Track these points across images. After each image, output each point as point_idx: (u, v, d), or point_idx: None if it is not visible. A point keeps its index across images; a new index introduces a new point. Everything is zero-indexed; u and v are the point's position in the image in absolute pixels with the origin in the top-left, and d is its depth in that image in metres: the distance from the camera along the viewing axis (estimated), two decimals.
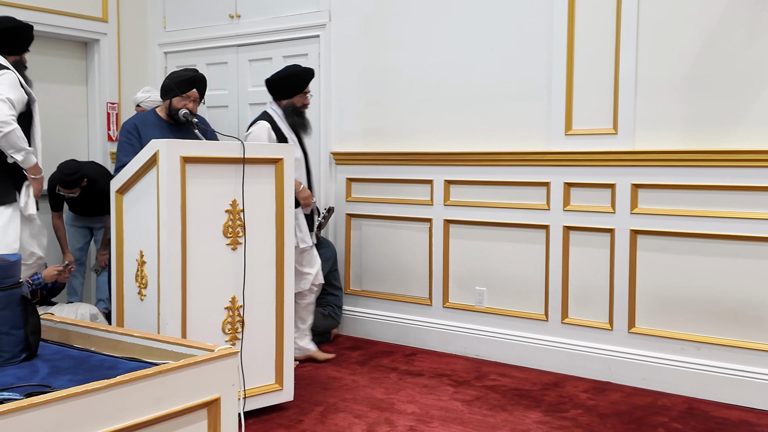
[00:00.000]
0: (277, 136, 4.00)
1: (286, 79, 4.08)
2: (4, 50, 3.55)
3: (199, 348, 2.00)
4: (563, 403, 3.61)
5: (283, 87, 4.09)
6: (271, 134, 3.98)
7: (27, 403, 1.52)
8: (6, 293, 2.03)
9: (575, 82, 4.02)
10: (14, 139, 3.38)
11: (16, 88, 3.42)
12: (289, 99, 4.08)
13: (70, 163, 4.68)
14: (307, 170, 4.18)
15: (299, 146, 4.09)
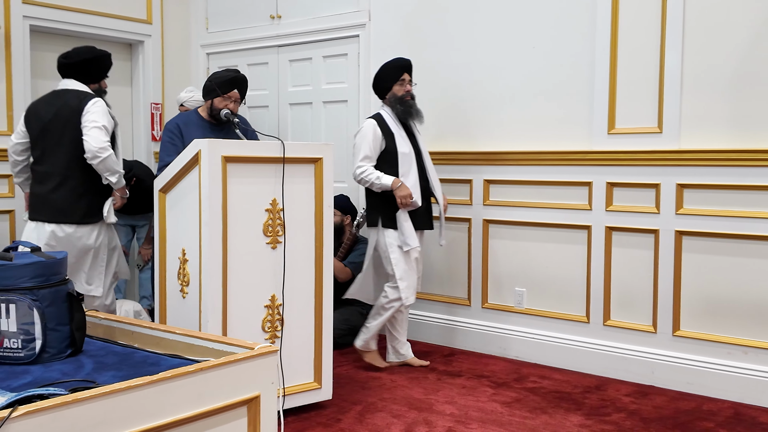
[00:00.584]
0: (383, 132, 3.98)
1: (379, 75, 4.10)
2: (85, 79, 3.73)
3: (240, 346, 2.01)
4: (605, 407, 3.55)
5: (379, 82, 4.10)
6: (377, 131, 3.96)
7: (72, 398, 1.55)
8: (53, 290, 2.07)
9: (619, 79, 3.95)
10: (110, 163, 3.56)
11: (107, 114, 3.61)
12: (390, 91, 4.06)
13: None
14: (421, 166, 4.07)
15: (407, 141, 4.02)
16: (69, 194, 3.60)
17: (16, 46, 4.75)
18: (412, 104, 4.07)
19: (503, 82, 4.39)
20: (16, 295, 2.01)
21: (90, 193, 3.64)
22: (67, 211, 3.59)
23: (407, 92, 4.06)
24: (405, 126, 4.07)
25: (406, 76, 4.06)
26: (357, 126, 5.06)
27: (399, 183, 3.91)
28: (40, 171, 3.69)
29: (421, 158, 4.07)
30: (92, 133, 3.50)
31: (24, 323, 2.02)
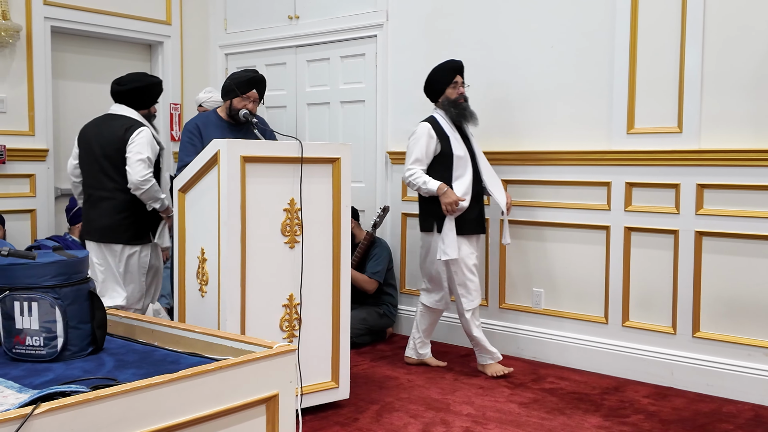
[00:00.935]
0: (438, 135, 3.95)
1: (431, 78, 4.07)
2: (136, 104, 3.85)
3: (258, 345, 2.02)
4: (624, 408, 3.53)
5: (431, 85, 4.07)
6: (431, 133, 3.94)
7: (93, 395, 1.56)
8: (74, 288, 2.10)
9: (638, 79, 3.92)
10: (152, 192, 3.70)
11: (150, 144, 3.71)
12: (443, 95, 4.03)
13: None
14: (475, 168, 4.01)
15: (462, 144, 3.98)
16: (114, 216, 3.74)
17: (37, 47, 4.81)
18: (465, 107, 4.02)
19: (522, 81, 4.37)
20: (39, 294, 2.04)
21: (135, 215, 3.77)
22: (115, 232, 3.74)
23: (460, 95, 4.01)
24: (459, 128, 4.02)
25: (458, 78, 4.02)
26: (374, 126, 5.07)
27: (445, 189, 3.86)
28: (86, 192, 3.88)
29: (475, 160, 4.02)
30: (135, 166, 3.63)
31: (46, 321, 2.04)
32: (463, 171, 3.93)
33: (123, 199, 3.72)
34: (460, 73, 4.04)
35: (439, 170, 3.95)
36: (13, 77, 4.72)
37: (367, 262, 4.75)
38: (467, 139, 4.05)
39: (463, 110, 4.00)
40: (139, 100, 3.85)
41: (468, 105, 4.04)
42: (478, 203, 4.03)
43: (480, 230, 4.06)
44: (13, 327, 2.04)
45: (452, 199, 3.84)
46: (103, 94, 5.39)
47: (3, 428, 1.41)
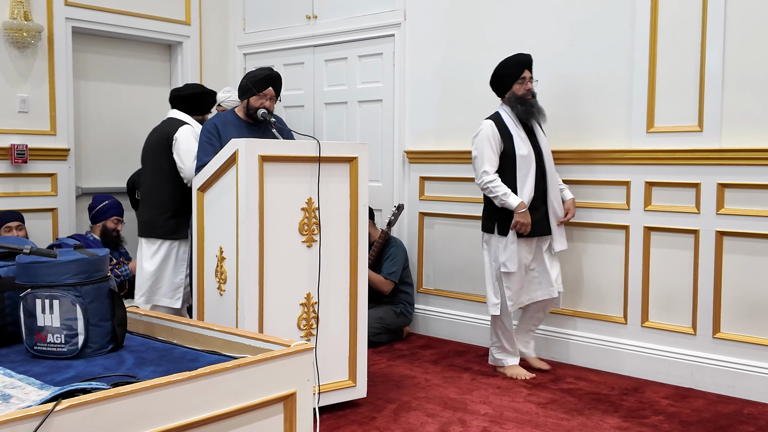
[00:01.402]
0: (501, 134, 3.87)
1: (497, 73, 3.95)
2: (190, 111, 4.19)
3: (276, 343, 2.03)
4: (643, 409, 3.50)
5: (497, 80, 3.96)
6: (494, 131, 3.86)
7: (114, 392, 1.57)
8: (95, 286, 2.12)
9: (658, 77, 3.89)
10: None
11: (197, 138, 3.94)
12: (509, 90, 3.91)
13: None
14: (541, 168, 3.89)
15: (527, 142, 3.87)
16: (153, 211, 4.03)
17: (58, 48, 4.86)
18: (533, 103, 3.89)
19: (541, 79, 4.35)
20: (60, 292, 2.06)
21: (173, 211, 4.01)
22: (153, 226, 4.02)
23: (528, 90, 3.88)
24: (525, 125, 3.91)
25: (526, 73, 3.88)
26: (392, 125, 5.07)
27: (523, 209, 3.79)
28: (140, 190, 4.25)
29: (541, 160, 3.90)
30: (186, 161, 3.94)
31: (67, 319, 2.06)
32: (527, 170, 3.84)
33: (162, 195, 4.00)
34: (528, 67, 3.90)
35: (501, 170, 3.86)
36: (35, 77, 4.77)
37: (383, 261, 4.75)
38: (534, 136, 3.93)
39: (530, 107, 3.88)
40: (195, 107, 4.19)
41: (536, 101, 3.90)
42: (544, 204, 3.90)
43: (543, 232, 3.91)
44: (34, 324, 2.07)
45: (526, 221, 3.79)
46: (124, 94, 5.45)
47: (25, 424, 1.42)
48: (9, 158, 4.61)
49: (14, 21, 4.55)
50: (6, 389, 1.75)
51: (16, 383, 1.81)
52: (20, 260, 2.11)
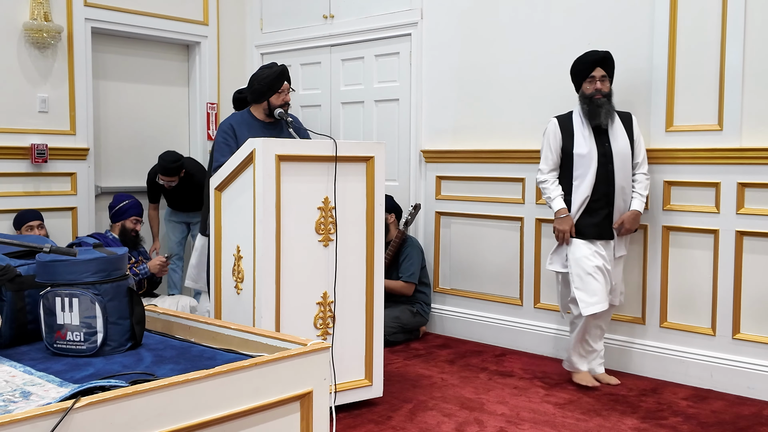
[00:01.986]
0: (563, 132, 3.78)
1: (571, 70, 3.85)
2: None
3: (293, 342, 2.03)
4: (661, 410, 3.48)
5: (571, 79, 3.86)
6: (555, 129, 3.80)
7: (132, 390, 1.58)
8: (114, 285, 2.13)
9: (677, 76, 3.85)
10: None
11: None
12: (580, 88, 3.79)
13: (171, 152, 4.93)
14: (608, 170, 3.68)
15: (590, 141, 3.70)
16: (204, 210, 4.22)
17: (78, 48, 4.90)
18: (600, 103, 3.70)
19: (558, 79, 4.33)
20: (79, 290, 2.07)
21: None
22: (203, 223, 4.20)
23: (597, 90, 3.71)
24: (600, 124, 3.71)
25: (597, 71, 3.72)
26: (408, 125, 5.07)
27: (563, 215, 3.73)
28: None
29: (608, 161, 3.70)
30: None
31: (86, 317, 2.08)
32: (585, 171, 3.70)
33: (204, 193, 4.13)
34: (600, 65, 3.74)
35: (563, 168, 3.81)
36: (55, 78, 4.82)
37: (400, 262, 4.75)
38: (605, 136, 3.71)
39: (595, 107, 3.70)
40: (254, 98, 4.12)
41: (605, 101, 3.70)
42: (607, 206, 3.72)
43: (605, 236, 3.73)
44: (54, 322, 2.08)
45: (564, 228, 3.73)
46: (142, 93, 5.49)
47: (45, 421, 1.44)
48: (29, 158, 4.66)
49: (34, 21, 4.60)
50: (26, 386, 1.77)
51: (36, 380, 1.82)
52: (40, 259, 2.13)
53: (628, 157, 3.73)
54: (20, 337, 2.19)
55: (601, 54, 3.75)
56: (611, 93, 3.76)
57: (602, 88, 3.73)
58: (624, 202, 3.76)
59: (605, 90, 3.73)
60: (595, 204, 3.72)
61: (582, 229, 3.74)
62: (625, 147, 3.73)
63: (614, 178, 3.71)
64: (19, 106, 4.66)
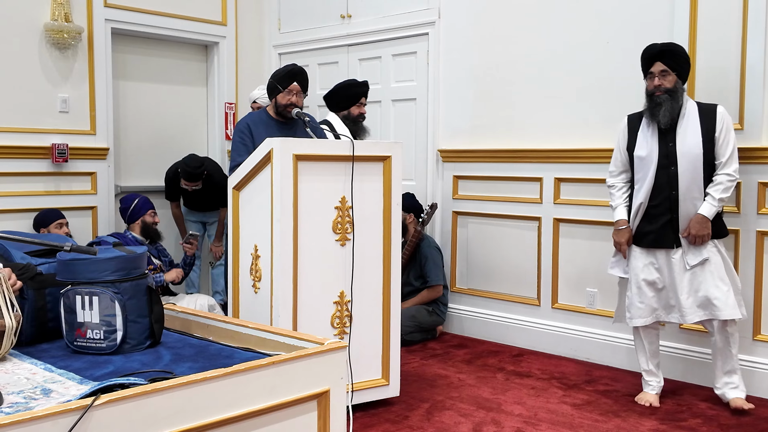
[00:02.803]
0: (630, 130, 3.57)
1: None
2: (333, 108, 4.30)
3: (310, 341, 2.04)
4: (681, 412, 3.44)
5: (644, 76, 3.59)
6: (623, 127, 3.60)
7: (151, 388, 1.60)
8: (133, 283, 2.15)
9: (697, 75, 3.81)
10: None
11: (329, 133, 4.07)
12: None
13: (194, 157, 4.96)
14: (668, 175, 3.41)
15: (651, 143, 3.45)
16: None
17: (98, 49, 4.95)
18: (660, 100, 3.42)
19: (576, 77, 4.31)
20: (99, 288, 2.09)
21: None
22: None
23: (656, 87, 3.44)
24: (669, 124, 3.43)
25: (655, 67, 3.44)
26: (425, 124, 5.07)
27: (621, 227, 3.55)
28: None
29: (672, 164, 3.41)
30: None
31: (106, 315, 2.10)
32: (644, 174, 3.46)
33: None
34: (660, 58, 3.43)
35: (632, 172, 3.60)
36: (75, 78, 4.87)
37: (423, 264, 4.74)
38: (672, 136, 3.43)
39: (654, 106, 3.44)
40: (332, 104, 4.30)
41: (665, 98, 3.40)
42: (669, 212, 3.44)
43: (664, 244, 3.46)
44: (75, 320, 2.10)
45: (620, 240, 3.56)
46: (161, 93, 5.53)
47: (65, 418, 1.45)
48: (50, 157, 4.71)
49: (55, 22, 4.65)
50: (47, 384, 1.79)
51: (56, 378, 1.85)
52: (61, 257, 2.15)
53: (699, 157, 3.36)
54: (41, 335, 2.22)
55: (658, 47, 3.44)
56: (677, 88, 3.42)
57: (662, 83, 3.42)
58: (694, 207, 3.39)
59: (666, 85, 3.41)
60: (654, 210, 3.47)
61: (639, 237, 3.52)
62: (695, 147, 3.37)
63: (678, 181, 3.40)
64: (40, 107, 4.71)
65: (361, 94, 4.28)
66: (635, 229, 3.54)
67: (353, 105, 4.25)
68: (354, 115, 4.24)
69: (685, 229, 3.41)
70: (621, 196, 3.63)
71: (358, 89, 4.28)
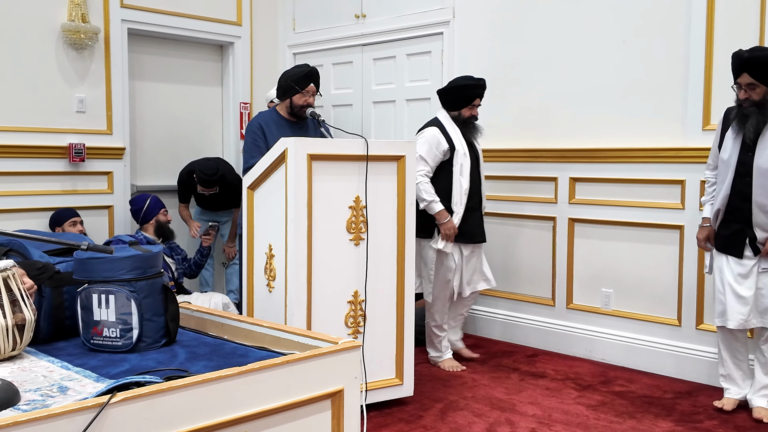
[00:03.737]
0: (723, 127, 3.39)
1: None
2: (446, 107, 4.12)
3: (324, 340, 2.04)
4: (697, 413, 3.42)
5: None
6: (719, 124, 3.42)
7: (167, 386, 1.61)
8: (149, 282, 2.16)
9: (714, 74, 3.78)
10: (417, 192, 3.81)
11: (429, 143, 3.96)
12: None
13: (209, 163, 4.96)
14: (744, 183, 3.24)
15: (735, 148, 3.29)
16: None
17: (114, 49, 4.98)
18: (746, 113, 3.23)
19: (592, 77, 4.28)
20: (115, 287, 2.11)
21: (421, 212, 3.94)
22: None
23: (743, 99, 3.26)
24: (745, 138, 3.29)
25: (742, 78, 3.22)
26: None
27: (704, 224, 3.48)
28: None
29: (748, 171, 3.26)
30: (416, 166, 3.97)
31: (122, 313, 2.11)
32: (723, 178, 3.33)
33: None
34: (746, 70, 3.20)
35: None
36: (92, 78, 4.91)
37: None
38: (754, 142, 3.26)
39: (741, 116, 3.27)
40: (445, 102, 4.12)
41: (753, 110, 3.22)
42: (741, 221, 3.30)
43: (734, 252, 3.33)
44: (91, 318, 2.12)
45: (699, 237, 3.50)
46: (177, 93, 5.56)
47: (81, 416, 1.46)
48: (67, 157, 4.75)
49: (72, 23, 4.68)
50: (64, 381, 1.81)
51: (73, 376, 1.86)
52: (78, 256, 2.17)
53: None
54: (58, 333, 2.23)
55: (744, 57, 3.19)
56: (766, 100, 3.20)
57: (750, 95, 3.21)
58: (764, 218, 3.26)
59: (754, 98, 3.20)
60: (729, 216, 3.36)
61: (716, 239, 3.44)
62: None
63: (752, 192, 3.25)
64: (58, 107, 4.75)
65: (475, 95, 4.08)
66: (716, 229, 3.43)
67: (465, 106, 4.07)
68: (465, 116, 4.06)
69: (765, 249, 3.27)
70: (711, 192, 3.49)
71: (474, 91, 4.07)
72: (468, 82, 4.09)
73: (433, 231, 4.03)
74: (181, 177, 5.13)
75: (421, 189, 3.93)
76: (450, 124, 4.06)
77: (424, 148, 3.97)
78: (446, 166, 4.01)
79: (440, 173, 4.01)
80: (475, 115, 4.10)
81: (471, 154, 4.05)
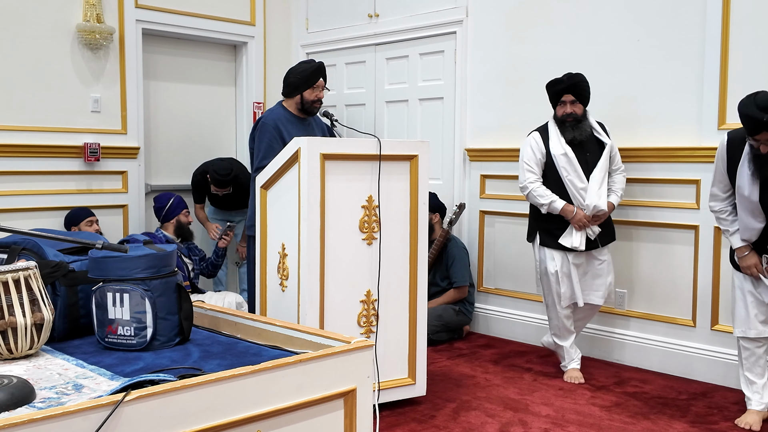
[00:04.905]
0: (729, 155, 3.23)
1: None
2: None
3: (337, 339, 2.04)
4: (712, 415, 3.39)
5: None
6: (723, 153, 3.24)
7: (181, 384, 1.62)
8: (163, 281, 2.17)
9: (730, 73, 3.75)
10: (532, 198, 3.87)
11: (531, 148, 3.89)
12: None
13: (222, 163, 4.99)
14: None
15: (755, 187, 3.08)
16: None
17: (129, 49, 5.01)
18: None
19: (606, 76, 4.26)
20: (130, 285, 2.12)
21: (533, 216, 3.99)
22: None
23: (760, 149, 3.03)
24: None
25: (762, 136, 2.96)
26: (453, 123, 5.04)
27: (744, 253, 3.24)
28: None
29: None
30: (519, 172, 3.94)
31: (136, 312, 2.13)
32: (744, 208, 3.18)
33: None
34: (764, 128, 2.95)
35: None
36: (107, 78, 4.94)
37: (448, 265, 4.73)
38: None
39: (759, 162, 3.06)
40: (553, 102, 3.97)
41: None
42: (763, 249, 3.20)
43: None
44: (105, 317, 2.14)
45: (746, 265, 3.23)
46: (191, 93, 5.59)
47: (96, 413, 1.48)
48: (82, 156, 4.79)
49: (87, 23, 4.72)
50: (78, 379, 1.82)
51: (88, 374, 1.87)
52: (93, 255, 2.18)
53: None
54: (73, 331, 2.25)
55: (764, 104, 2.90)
56: None
57: None
58: None
59: None
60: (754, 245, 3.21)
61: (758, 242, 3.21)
62: None
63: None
64: (73, 106, 4.78)
65: (561, 92, 3.84)
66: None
67: (556, 105, 3.88)
68: (559, 116, 3.86)
69: None
70: (733, 221, 3.26)
71: (555, 87, 3.87)
72: (551, 81, 3.89)
73: (535, 234, 3.95)
74: (195, 177, 5.15)
75: (534, 195, 3.83)
76: (554, 129, 3.88)
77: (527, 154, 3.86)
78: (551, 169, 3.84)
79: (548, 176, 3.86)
80: (567, 113, 3.81)
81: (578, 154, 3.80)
